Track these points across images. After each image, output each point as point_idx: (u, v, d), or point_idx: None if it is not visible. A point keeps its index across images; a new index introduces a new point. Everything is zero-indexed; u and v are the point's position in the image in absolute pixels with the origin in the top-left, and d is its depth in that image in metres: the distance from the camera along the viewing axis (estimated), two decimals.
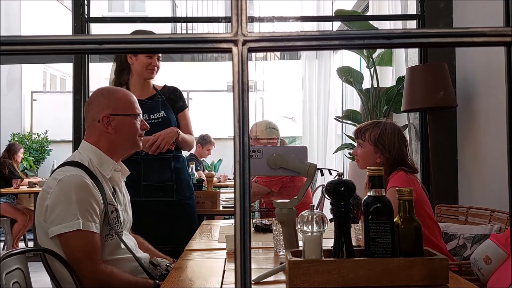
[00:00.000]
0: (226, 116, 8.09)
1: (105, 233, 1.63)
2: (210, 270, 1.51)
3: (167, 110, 2.52)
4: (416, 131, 3.33)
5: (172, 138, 2.43)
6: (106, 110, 1.69)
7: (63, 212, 1.53)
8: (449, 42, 0.42)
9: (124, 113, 1.72)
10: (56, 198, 1.54)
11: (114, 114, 1.70)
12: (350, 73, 3.75)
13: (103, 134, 1.71)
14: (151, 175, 2.44)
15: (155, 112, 2.48)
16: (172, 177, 2.49)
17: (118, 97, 1.74)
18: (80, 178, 1.58)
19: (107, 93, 1.75)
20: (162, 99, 2.53)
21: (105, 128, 1.69)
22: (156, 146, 2.37)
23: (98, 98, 1.73)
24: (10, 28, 8.26)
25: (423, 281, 1.18)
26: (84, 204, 1.54)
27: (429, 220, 1.96)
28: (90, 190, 1.57)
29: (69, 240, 1.53)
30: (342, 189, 1.27)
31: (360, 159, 2.06)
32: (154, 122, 2.44)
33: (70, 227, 1.51)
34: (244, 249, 0.40)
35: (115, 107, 1.71)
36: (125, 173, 1.84)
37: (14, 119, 8.44)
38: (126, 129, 1.73)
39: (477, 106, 2.80)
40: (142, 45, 0.43)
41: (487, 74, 2.70)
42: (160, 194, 2.44)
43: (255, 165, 1.56)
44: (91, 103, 1.73)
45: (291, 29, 4.02)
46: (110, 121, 1.69)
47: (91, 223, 1.54)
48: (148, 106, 2.47)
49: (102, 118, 1.69)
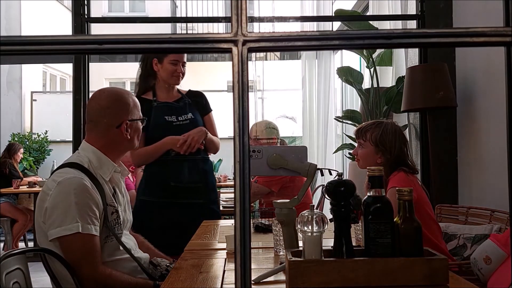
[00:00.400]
0: (226, 116, 8.08)
1: (105, 234, 1.63)
2: (210, 270, 1.51)
3: (194, 112, 2.56)
4: (416, 131, 3.33)
5: (202, 137, 2.45)
6: (125, 116, 1.73)
7: (62, 215, 1.52)
8: (449, 42, 0.42)
9: (138, 118, 1.79)
10: (55, 200, 1.54)
11: (131, 120, 1.75)
12: (350, 73, 3.75)
13: (117, 139, 1.72)
14: (180, 176, 2.45)
15: (183, 114, 2.52)
16: (201, 179, 2.51)
17: (133, 103, 1.78)
18: (79, 180, 1.58)
19: (121, 98, 1.76)
20: (188, 101, 2.58)
21: (124, 133, 1.72)
22: (187, 145, 2.39)
23: (115, 104, 1.73)
24: (10, 28, 8.26)
25: (423, 281, 1.18)
26: (83, 206, 1.54)
27: (430, 220, 1.96)
28: (89, 193, 1.57)
29: (68, 243, 1.53)
30: (342, 189, 1.27)
31: (361, 159, 2.06)
32: (182, 124, 2.49)
33: (69, 230, 1.51)
34: (244, 249, 0.40)
35: (132, 112, 1.76)
36: (125, 174, 1.84)
37: (14, 119, 8.44)
38: (138, 132, 1.80)
39: (477, 106, 2.80)
40: (142, 45, 0.43)
41: (487, 74, 2.69)
42: (188, 196, 2.45)
43: (255, 165, 1.56)
44: (107, 108, 1.72)
45: (291, 29, 4.02)
46: (128, 127, 1.73)
47: (90, 226, 1.54)
48: (176, 108, 2.52)
49: (122, 124, 1.71)
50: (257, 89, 7.83)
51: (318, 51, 5.22)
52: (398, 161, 1.99)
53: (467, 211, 2.39)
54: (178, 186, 2.43)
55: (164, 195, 2.39)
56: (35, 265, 1.84)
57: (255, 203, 3.75)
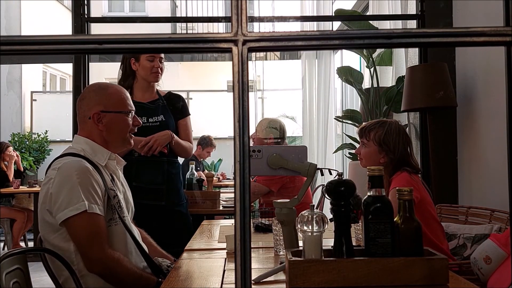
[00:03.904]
0: (226, 116, 8.09)
1: (109, 217, 1.63)
2: (210, 270, 1.51)
3: (167, 115, 2.54)
4: (416, 131, 3.33)
5: (166, 141, 2.43)
6: (97, 107, 1.69)
7: (67, 196, 1.53)
8: (449, 42, 0.42)
9: (115, 110, 1.72)
10: (59, 184, 1.55)
11: (105, 111, 1.70)
12: (350, 73, 3.75)
13: (94, 131, 1.71)
14: (142, 177, 2.43)
15: (154, 116, 2.50)
16: (163, 181, 2.48)
17: (109, 94, 1.73)
18: (79, 162, 1.59)
19: (98, 89, 1.74)
20: (163, 104, 2.56)
21: (96, 125, 1.69)
22: (148, 148, 2.37)
23: (89, 95, 1.73)
24: (10, 28, 8.26)
25: (423, 281, 1.18)
26: (86, 186, 1.55)
27: (433, 221, 1.95)
28: (91, 173, 1.58)
29: (76, 224, 1.53)
30: (342, 189, 1.27)
31: (364, 159, 2.05)
32: (151, 126, 2.47)
33: (77, 209, 1.51)
34: (244, 249, 0.40)
35: (107, 104, 1.71)
36: (121, 163, 1.83)
37: (14, 119, 8.44)
38: (117, 125, 1.73)
39: (477, 106, 2.80)
40: (142, 45, 0.43)
41: (487, 74, 2.69)
42: (149, 197, 2.43)
43: (255, 165, 1.56)
44: (83, 99, 1.73)
45: (291, 29, 4.02)
46: (101, 118, 1.69)
47: (94, 205, 1.54)
48: (148, 109, 2.49)
49: (92, 115, 1.69)
50: (257, 89, 7.82)
51: (318, 51, 5.22)
52: (401, 161, 1.98)
53: (467, 211, 2.39)
54: (140, 187, 2.40)
55: None
56: (35, 265, 1.84)
57: (255, 203, 3.74)
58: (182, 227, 2.55)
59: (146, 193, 2.42)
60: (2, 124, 7.70)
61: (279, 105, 8.77)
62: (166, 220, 2.47)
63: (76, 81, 3.37)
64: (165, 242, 2.06)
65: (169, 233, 2.41)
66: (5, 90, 8.18)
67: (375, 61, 3.59)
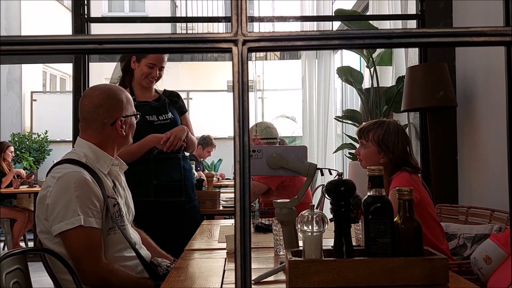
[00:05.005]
0: (226, 116, 8.09)
1: (108, 227, 1.64)
2: (210, 270, 1.51)
3: (173, 111, 2.57)
4: (416, 131, 3.33)
5: (183, 135, 2.47)
6: (119, 113, 1.73)
7: (63, 210, 1.53)
8: (449, 42, 0.42)
9: (131, 114, 1.79)
10: (56, 196, 1.55)
11: (126, 116, 1.75)
12: (350, 73, 3.75)
13: (112, 136, 1.73)
14: (162, 174, 2.46)
15: (163, 113, 2.52)
16: (182, 177, 2.51)
17: (126, 98, 1.78)
18: (78, 174, 1.59)
19: (114, 95, 1.75)
20: (167, 101, 2.58)
21: (119, 130, 1.72)
22: (170, 143, 2.39)
23: (108, 102, 1.73)
24: (10, 28, 8.26)
25: (423, 281, 1.18)
26: (84, 200, 1.55)
27: (432, 221, 1.95)
28: (89, 186, 1.58)
29: (71, 237, 1.53)
30: (342, 189, 1.27)
31: (363, 159, 2.05)
32: (163, 123, 2.49)
33: (72, 223, 1.51)
34: (244, 249, 0.40)
35: (125, 109, 1.76)
36: (123, 167, 1.84)
37: (14, 119, 8.44)
38: (132, 128, 1.81)
39: (477, 106, 2.80)
40: (142, 45, 0.43)
41: (487, 74, 2.69)
42: (170, 194, 2.46)
43: (255, 165, 1.56)
44: (101, 106, 1.71)
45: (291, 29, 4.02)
46: (122, 124, 1.74)
47: (91, 219, 1.54)
48: (156, 108, 2.51)
49: (117, 121, 1.72)
50: (257, 89, 7.82)
51: (318, 51, 5.22)
52: (401, 161, 1.98)
53: (467, 210, 2.39)
54: (160, 185, 2.43)
55: (146, 193, 2.38)
56: (35, 265, 1.84)
57: (255, 203, 3.74)
58: (199, 221, 2.61)
59: (167, 190, 2.45)
60: (2, 124, 7.70)
61: (279, 105, 8.77)
62: (186, 215, 2.51)
63: (76, 81, 3.37)
64: (187, 237, 2.10)
65: (187, 227, 2.44)
66: (5, 90, 8.18)
67: (375, 61, 3.59)
